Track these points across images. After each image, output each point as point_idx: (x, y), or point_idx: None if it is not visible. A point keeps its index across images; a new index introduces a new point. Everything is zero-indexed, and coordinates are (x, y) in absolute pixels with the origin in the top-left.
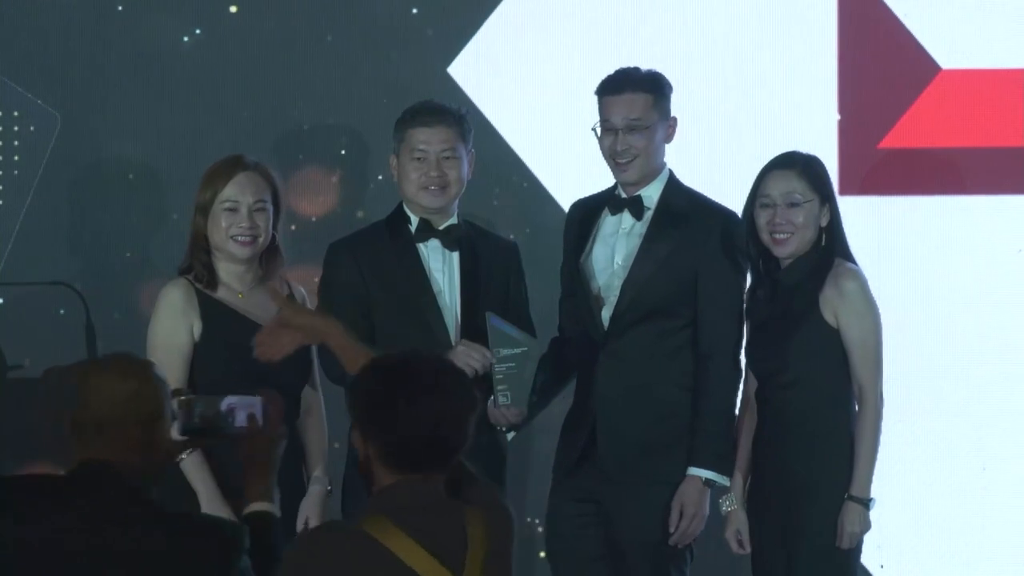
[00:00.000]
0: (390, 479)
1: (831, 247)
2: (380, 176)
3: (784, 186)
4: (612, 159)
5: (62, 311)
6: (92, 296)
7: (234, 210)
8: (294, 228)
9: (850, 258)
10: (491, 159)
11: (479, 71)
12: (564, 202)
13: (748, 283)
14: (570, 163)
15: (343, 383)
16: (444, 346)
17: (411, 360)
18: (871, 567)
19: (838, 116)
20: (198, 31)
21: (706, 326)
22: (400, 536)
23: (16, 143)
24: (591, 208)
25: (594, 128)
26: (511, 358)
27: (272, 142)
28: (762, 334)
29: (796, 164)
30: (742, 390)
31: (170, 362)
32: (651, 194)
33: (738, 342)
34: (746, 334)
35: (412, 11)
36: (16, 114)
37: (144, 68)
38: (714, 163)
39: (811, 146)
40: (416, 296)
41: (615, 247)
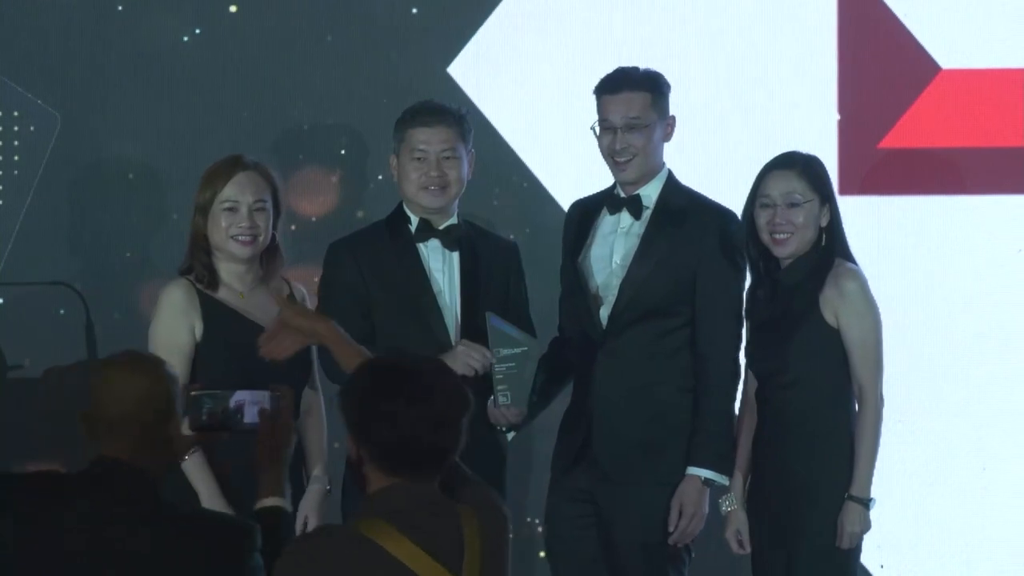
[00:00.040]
0: (384, 482)
1: (831, 247)
2: (380, 176)
3: (784, 186)
4: (611, 158)
5: (62, 311)
6: (92, 296)
7: (234, 210)
8: (294, 228)
9: (850, 258)
10: (491, 159)
11: (479, 71)
12: (564, 202)
13: (747, 283)
14: (570, 163)
15: (343, 383)
16: (444, 346)
17: (401, 363)
18: (871, 567)
19: (838, 116)
20: (198, 31)
21: (705, 325)
22: (399, 538)
23: (16, 143)
24: (590, 208)
25: (593, 127)
26: (511, 358)
27: (272, 142)
28: (762, 334)
29: (796, 164)
30: (742, 390)
31: (171, 362)
32: (650, 193)
33: (737, 341)
34: (746, 334)
35: (412, 11)
36: (16, 114)
37: (144, 68)
38: (714, 163)
39: (811, 146)
40: (416, 296)
41: (613, 246)
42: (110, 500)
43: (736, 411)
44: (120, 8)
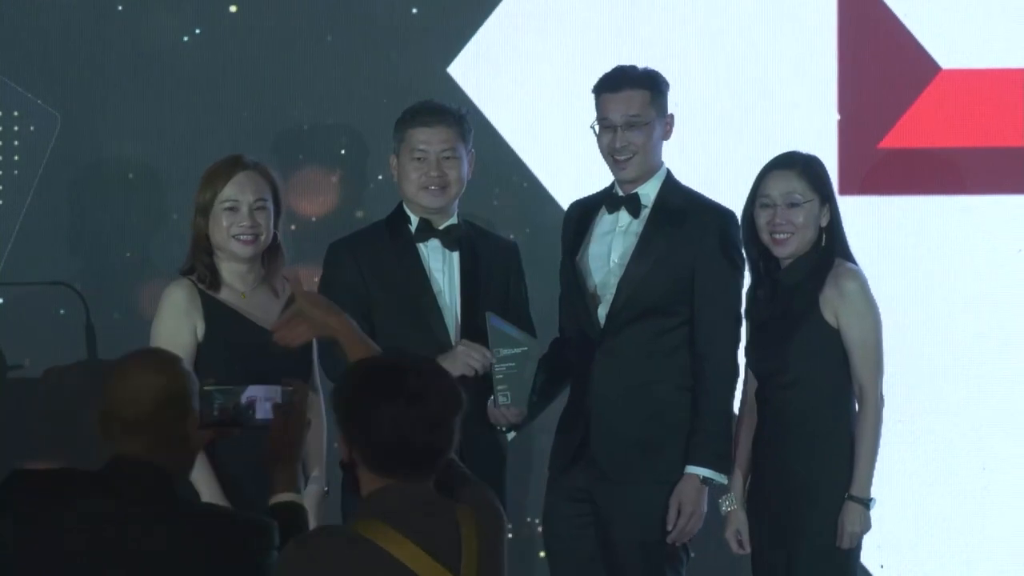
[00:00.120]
0: (378, 483)
1: (831, 247)
2: (380, 176)
3: (784, 186)
4: (611, 156)
5: (62, 311)
6: (92, 296)
7: (235, 209)
8: (294, 228)
9: (850, 258)
10: (491, 159)
11: (479, 71)
12: (564, 202)
13: (747, 282)
14: (570, 163)
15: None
16: (444, 346)
17: (394, 364)
18: (871, 567)
19: (838, 116)
20: (198, 31)
21: (703, 324)
22: (398, 538)
23: (16, 143)
24: (588, 207)
25: (592, 126)
26: (511, 358)
27: (272, 142)
28: (762, 334)
29: (796, 164)
30: (742, 390)
31: None
32: (648, 192)
33: (735, 340)
34: (746, 334)
35: (412, 11)
36: (16, 114)
37: (144, 68)
38: (714, 163)
39: (811, 146)
40: (416, 296)
41: (612, 245)
42: (127, 499)
43: (735, 411)
44: (120, 8)
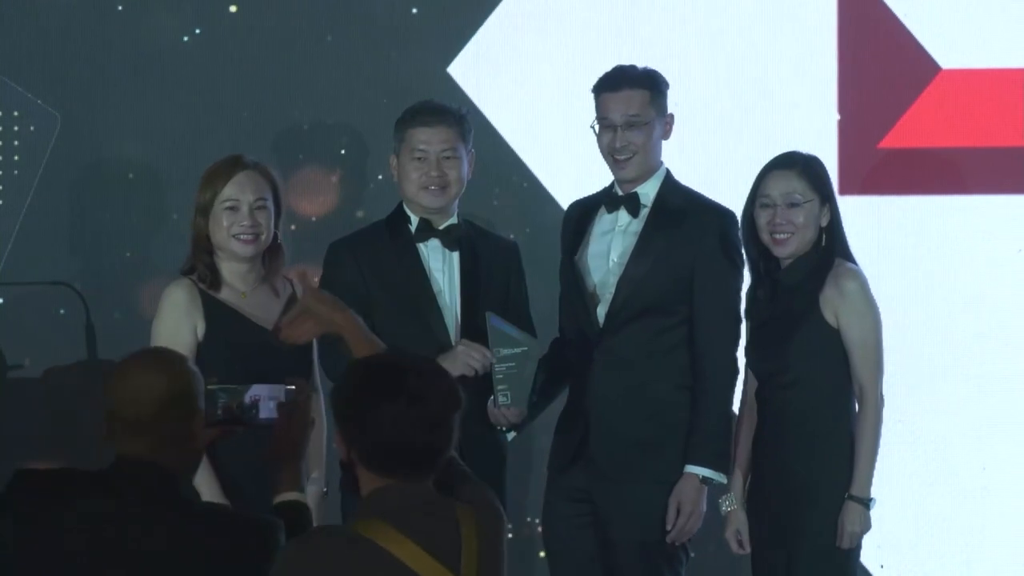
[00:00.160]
0: (377, 483)
1: (831, 247)
2: (380, 176)
3: (784, 186)
4: (611, 156)
5: (62, 311)
6: (92, 296)
7: (235, 209)
8: (294, 228)
9: (850, 258)
10: (491, 159)
11: (479, 71)
12: (564, 202)
13: (746, 282)
14: (570, 163)
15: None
16: (444, 346)
17: (392, 364)
18: (871, 567)
19: (838, 116)
20: (198, 31)
21: (702, 324)
22: (398, 538)
23: (16, 143)
24: (588, 207)
25: (592, 126)
26: (511, 358)
27: (272, 142)
28: (762, 334)
29: (796, 164)
30: (743, 390)
31: None
32: (648, 191)
33: (735, 340)
34: (746, 334)
35: (412, 11)
36: (16, 114)
37: (144, 68)
38: (714, 163)
39: (811, 146)
40: (416, 296)
41: (611, 244)
42: (130, 499)
43: (735, 410)
44: (120, 8)
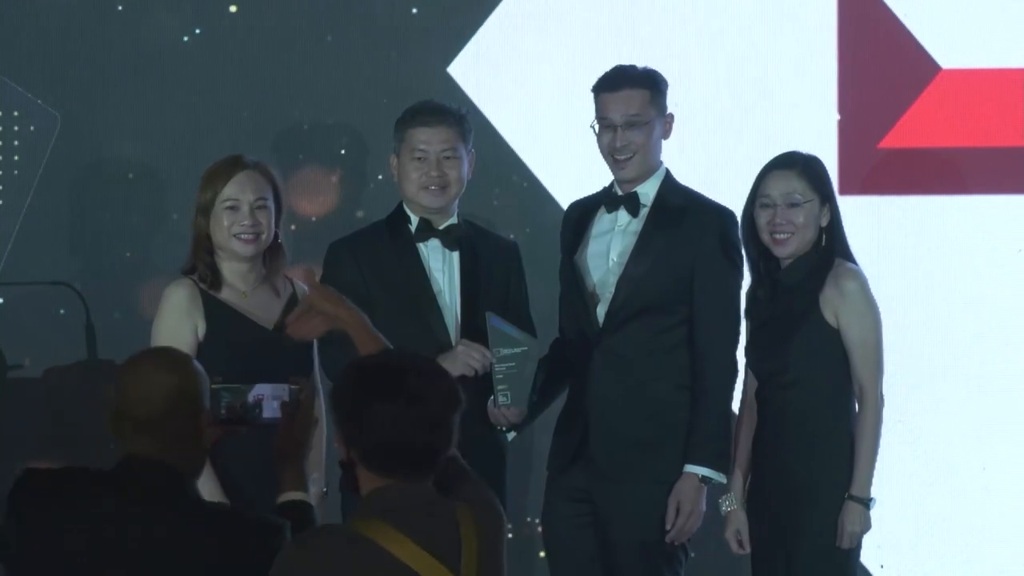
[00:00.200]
0: (377, 482)
1: (831, 247)
2: (380, 176)
3: (784, 186)
4: (611, 156)
5: (62, 311)
6: (92, 296)
7: (235, 208)
8: (294, 228)
9: (850, 258)
10: (491, 159)
11: (479, 71)
12: (564, 202)
13: (747, 282)
14: (570, 163)
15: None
16: (444, 346)
17: (391, 364)
18: (871, 567)
19: (838, 116)
20: (198, 31)
21: (702, 323)
22: (398, 537)
23: (16, 143)
24: (587, 208)
25: (592, 125)
26: (511, 358)
27: (272, 142)
28: (762, 334)
29: (796, 164)
30: (743, 390)
31: None
32: (647, 191)
33: (734, 339)
34: (746, 334)
35: (412, 11)
36: (16, 114)
37: (144, 68)
38: (714, 163)
39: (811, 146)
40: (416, 296)
41: (611, 244)
42: (138, 498)
43: (735, 410)
44: (120, 8)
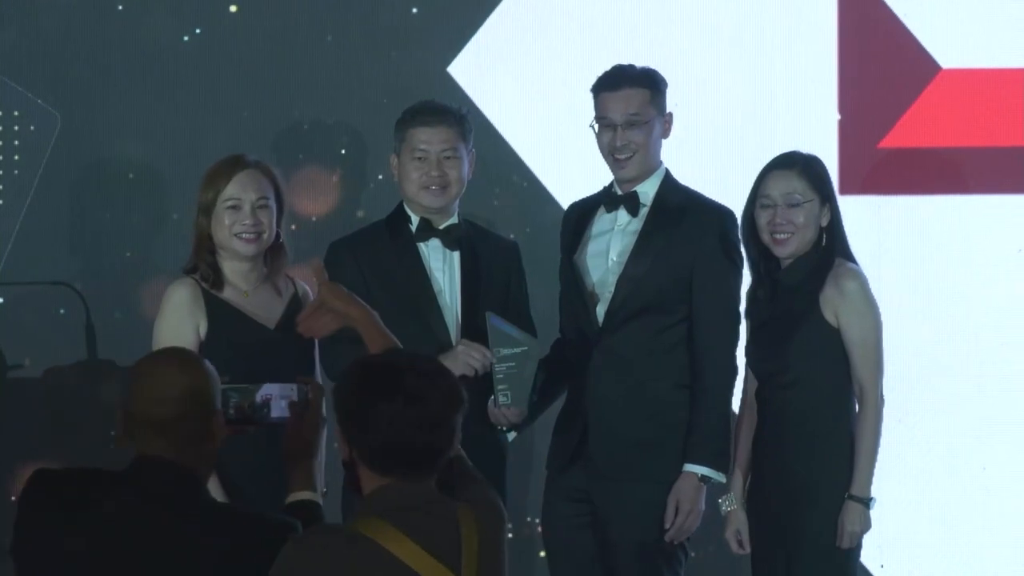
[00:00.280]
0: (379, 482)
1: (831, 247)
2: (380, 176)
3: (784, 186)
4: (611, 155)
5: (62, 311)
6: (92, 296)
7: (237, 208)
8: (294, 228)
9: (850, 258)
10: (491, 159)
11: (479, 71)
12: (564, 202)
13: (747, 282)
14: (570, 163)
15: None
16: (444, 346)
17: (391, 364)
18: (871, 567)
19: (838, 116)
20: (198, 31)
21: (702, 323)
22: (398, 537)
23: (16, 143)
24: (587, 208)
25: (592, 125)
26: (511, 358)
27: (272, 142)
28: (762, 334)
29: (796, 164)
30: (743, 390)
31: None
32: (647, 191)
33: (734, 339)
34: (746, 334)
35: (412, 11)
36: (16, 114)
37: (144, 68)
38: (714, 163)
39: (811, 146)
40: (416, 296)
41: (610, 243)
42: (152, 499)
43: (735, 410)
44: (120, 8)
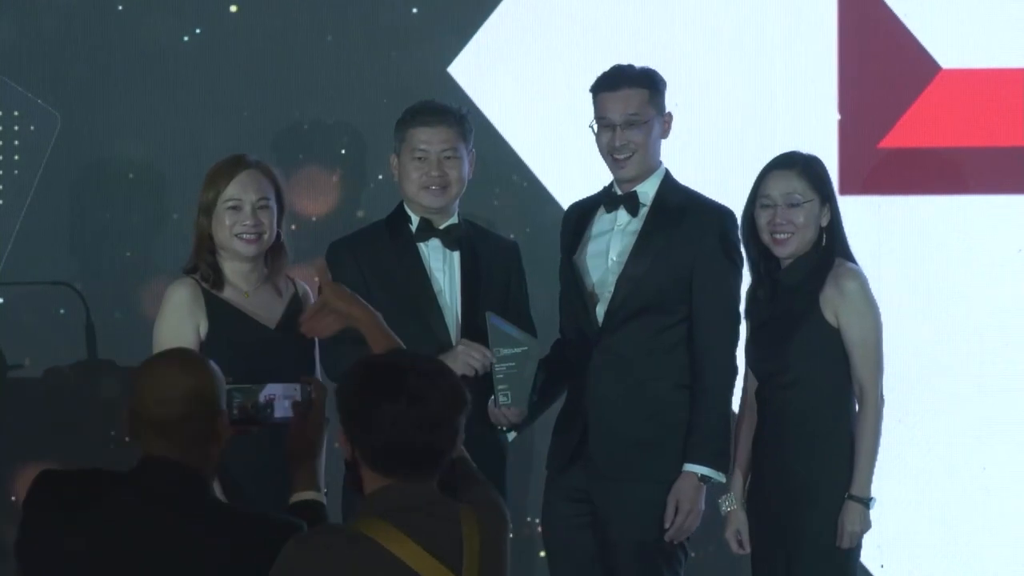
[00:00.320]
0: (380, 482)
1: (831, 247)
2: (380, 176)
3: (784, 186)
4: (610, 155)
5: (62, 311)
6: (92, 296)
7: (238, 208)
8: (294, 228)
9: (850, 258)
10: (491, 159)
11: (479, 71)
12: (564, 202)
13: (747, 282)
14: (570, 163)
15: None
16: (444, 346)
17: (393, 364)
18: (871, 567)
19: (838, 116)
20: (198, 31)
21: (702, 323)
22: (399, 537)
23: (16, 143)
24: (587, 208)
25: (591, 125)
26: (511, 358)
27: (272, 142)
28: (762, 334)
29: (796, 164)
30: (743, 390)
31: None
32: (647, 191)
33: (734, 338)
34: (746, 334)
35: (412, 11)
36: (16, 114)
37: (144, 68)
38: (714, 163)
39: (811, 146)
40: (416, 296)
41: (610, 243)
42: (157, 499)
43: (735, 410)
44: (120, 8)
